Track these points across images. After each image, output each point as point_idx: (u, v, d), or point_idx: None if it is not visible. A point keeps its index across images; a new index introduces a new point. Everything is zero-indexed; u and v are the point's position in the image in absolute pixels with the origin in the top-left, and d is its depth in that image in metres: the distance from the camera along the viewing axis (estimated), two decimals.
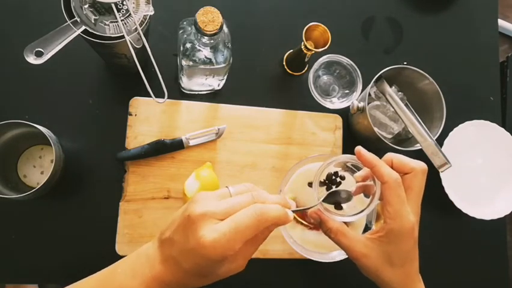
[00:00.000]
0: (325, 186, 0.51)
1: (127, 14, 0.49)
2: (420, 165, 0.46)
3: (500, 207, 0.75)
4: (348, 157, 0.47)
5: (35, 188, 0.53)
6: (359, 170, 0.50)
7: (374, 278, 0.47)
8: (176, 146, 0.65)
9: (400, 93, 0.70)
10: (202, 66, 0.56)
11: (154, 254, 0.39)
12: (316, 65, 0.70)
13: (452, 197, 0.71)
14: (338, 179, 0.51)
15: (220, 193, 0.40)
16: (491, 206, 0.75)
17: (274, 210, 0.38)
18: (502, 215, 0.74)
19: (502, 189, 0.77)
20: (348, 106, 0.68)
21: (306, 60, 0.69)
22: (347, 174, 0.52)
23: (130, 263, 0.40)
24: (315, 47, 0.64)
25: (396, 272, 0.46)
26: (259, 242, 0.40)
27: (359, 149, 0.45)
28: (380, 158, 0.46)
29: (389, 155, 0.47)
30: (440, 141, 0.69)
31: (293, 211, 0.41)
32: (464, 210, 0.71)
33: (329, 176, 0.51)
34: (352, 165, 0.51)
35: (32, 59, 0.45)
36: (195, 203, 0.37)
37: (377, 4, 0.81)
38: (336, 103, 0.73)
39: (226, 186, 0.41)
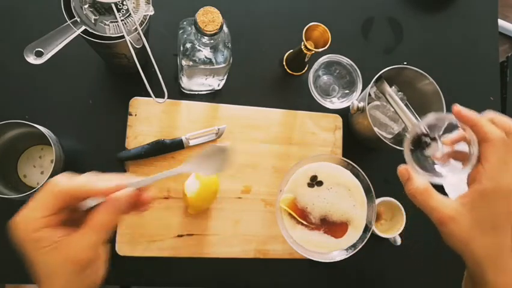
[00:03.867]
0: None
1: (127, 14, 0.49)
2: None
3: None
4: (444, 116, 0.44)
5: (35, 188, 0.53)
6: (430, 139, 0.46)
7: (461, 248, 0.42)
8: (176, 146, 0.65)
9: (400, 93, 0.70)
10: (202, 66, 0.56)
11: None
12: (316, 65, 0.70)
13: (452, 196, 0.71)
14: (428, 139, 0.46)
15: None
16: None
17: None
18: None
19: None
20: (348, 106, 0.68)
21: (306, 60, 0.69)
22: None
23: None
24: (315, 47, 0.64)
25: (487, 241, 0.40)
26: (89, 227, 0.35)
27: (457, 106, 0.41)
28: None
29: (489, 114, 0.42)
30: None
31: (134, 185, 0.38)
32: None
33: (417, 137, 0.46)
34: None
35: (32, 59, 0.45)
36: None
37: (377, 4, 0.81)
38: (336, 103, 0.73)
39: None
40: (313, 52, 0.64)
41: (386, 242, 0.70)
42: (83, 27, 0.47)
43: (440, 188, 0.71)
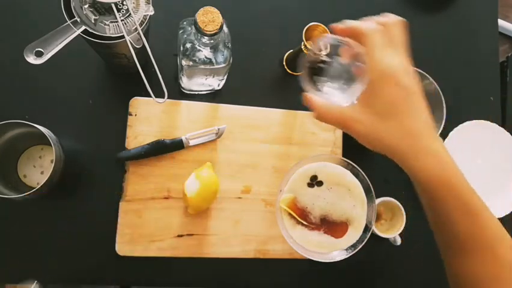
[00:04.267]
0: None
1: (127, 14, 0.49)
2: (391, 19, 0.43)
3: (500, 207, 0.75)
4: (328, 37, 0.42)
5: (35, 188, 0.53)
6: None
7: (376, 145, 0.41)
8: (176, 146, 0.65)
9: None
10: (202, 66, 0.56)
11: None
12: None
13: None
14: (322, 65, 0.44)
15: None
16: (491, 206, 0.74)
17: None
18: (501, 215, 0.74)
19: (501, 190, 0.77)
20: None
21: None
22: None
23: None
24: None
25: (393, 129, 0.39)
26: None
27: (333, 24, 0.42)
28: None
29: (365, 18, 0.43)
30: None
31: None
32: None
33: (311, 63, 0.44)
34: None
35: (32, 59, 0.45)
36: None
37: (377, 4, 0.81)
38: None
39: None
40: None
41: (386, 242, 0.70)
42: (83, 27, 0.47)
43: None
